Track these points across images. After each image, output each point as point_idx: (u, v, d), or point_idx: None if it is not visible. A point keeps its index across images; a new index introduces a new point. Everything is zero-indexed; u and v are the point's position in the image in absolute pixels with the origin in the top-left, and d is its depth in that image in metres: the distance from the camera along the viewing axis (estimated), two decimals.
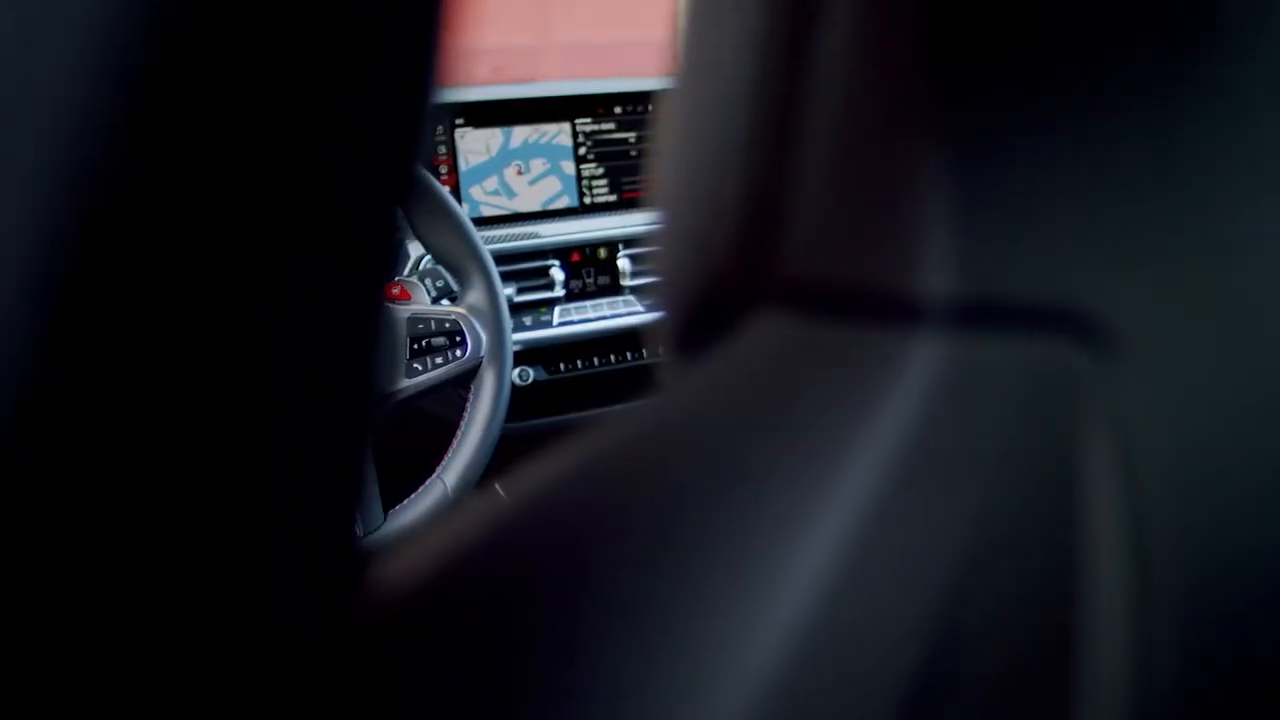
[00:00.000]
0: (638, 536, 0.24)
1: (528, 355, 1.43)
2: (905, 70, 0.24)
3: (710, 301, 0.27)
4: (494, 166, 1.48)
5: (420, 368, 1.18)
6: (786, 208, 0.26)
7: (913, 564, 0.23)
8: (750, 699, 0.22)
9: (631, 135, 1.54)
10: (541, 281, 1.45)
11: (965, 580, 0.24)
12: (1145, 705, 0.25)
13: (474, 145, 1.48)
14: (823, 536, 0.23)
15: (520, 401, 1.37)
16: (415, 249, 1.33)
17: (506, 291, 1.31)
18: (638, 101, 1.54)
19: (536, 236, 1.47)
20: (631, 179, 1.55)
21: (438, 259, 1.24)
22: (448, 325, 1.20)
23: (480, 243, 1.23)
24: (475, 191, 1.47)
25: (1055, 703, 0.25)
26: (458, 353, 1.20)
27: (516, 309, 1.41)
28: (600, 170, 1.53)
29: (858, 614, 0.23)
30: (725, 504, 0.24)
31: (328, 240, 0.16)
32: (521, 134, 1.49)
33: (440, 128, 1.42)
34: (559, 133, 1.51)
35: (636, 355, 1.50)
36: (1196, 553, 0.25)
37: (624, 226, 1.51)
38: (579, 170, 1.52)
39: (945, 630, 0.23)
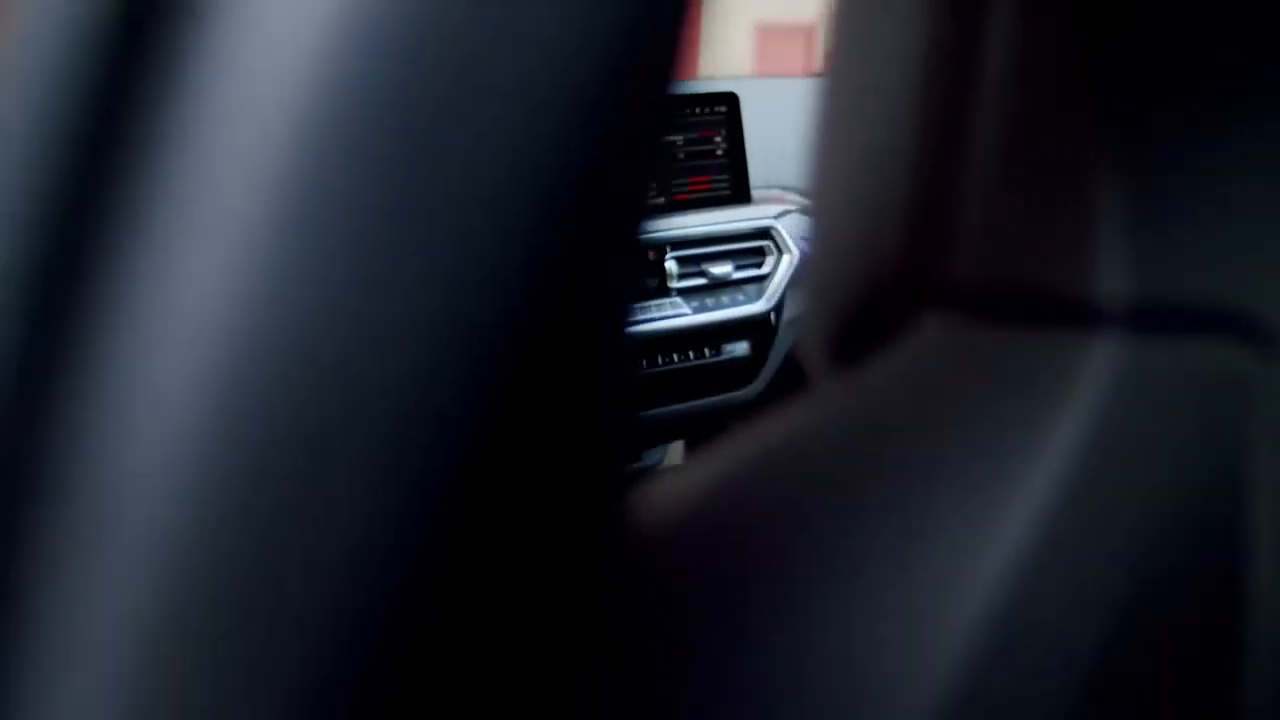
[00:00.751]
0: (811, 540, 0.24)
1: None
2: (1074, 71, 0.24)
3: (872, 306, 0.27)
4: None
5: None
6: (955, 211, 0.26)
7: (1087, 568, 0.23)
8: (929, 701, 0.22)
9: (680, 138, 1.54)
10: None
11: (1137, 583, 0.23)
12: None
13: None
14: (998, 542, 0.23)
15: None
16: None
17: None
18: (686, 104, 1.54)
19: None
20: (679, 181, 1.54)
21: None
22: None
23: None
24: None
25: (1220, 702, 0.24)
26: None
27: None
28: None
29: (1033, 618, 0.23)
30: (901, 509, 0.23)
31: (612, 224, 0.17)
32: None
33: None
34: None
35: (683, 357, 1.50)
36: None
37: (671, 229, 1.51)
38: None
39: (1117, 631, 0.23)
